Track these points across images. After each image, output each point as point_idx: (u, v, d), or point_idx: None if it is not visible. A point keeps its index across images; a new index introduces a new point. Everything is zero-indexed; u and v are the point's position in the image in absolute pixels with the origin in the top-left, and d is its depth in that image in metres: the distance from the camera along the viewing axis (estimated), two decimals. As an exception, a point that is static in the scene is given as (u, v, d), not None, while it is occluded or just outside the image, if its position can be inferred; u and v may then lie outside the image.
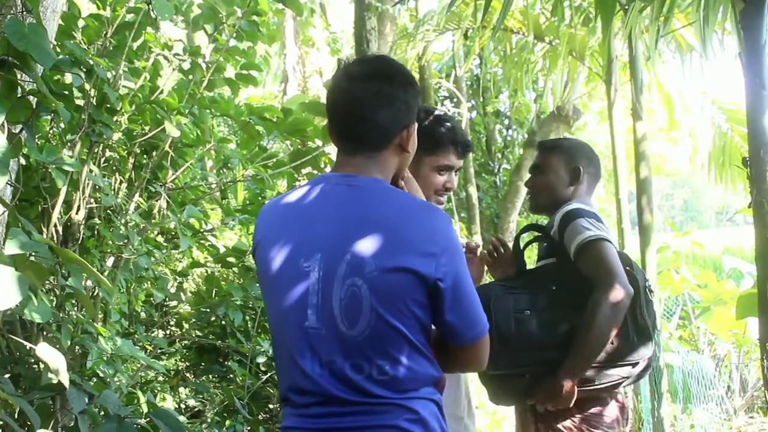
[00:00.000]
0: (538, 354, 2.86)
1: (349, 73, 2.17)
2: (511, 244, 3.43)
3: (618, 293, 2.76)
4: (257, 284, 5.10)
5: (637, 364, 2.92)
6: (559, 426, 2.96)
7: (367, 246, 1.96)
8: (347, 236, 1.98)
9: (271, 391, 5.45)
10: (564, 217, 3.03)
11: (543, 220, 3.59)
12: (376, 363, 1.97)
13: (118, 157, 4.57)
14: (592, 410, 2.97)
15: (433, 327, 2.08)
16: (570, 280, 2.93)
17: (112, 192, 4.29)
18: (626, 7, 5.19)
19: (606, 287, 2.77)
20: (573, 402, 2.86)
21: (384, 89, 2.11)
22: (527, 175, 3.41)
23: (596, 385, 2.89)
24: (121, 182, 4.54)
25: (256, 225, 2.21)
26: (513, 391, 3.03)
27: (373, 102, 2.09)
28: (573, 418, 2.95)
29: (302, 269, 2.01)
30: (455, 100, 16.08)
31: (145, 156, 4.72)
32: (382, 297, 1.94)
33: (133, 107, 4.33)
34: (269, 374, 5.32)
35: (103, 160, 4.35)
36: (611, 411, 3.01)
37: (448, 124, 2.93)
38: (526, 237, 3.61)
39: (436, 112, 2.97)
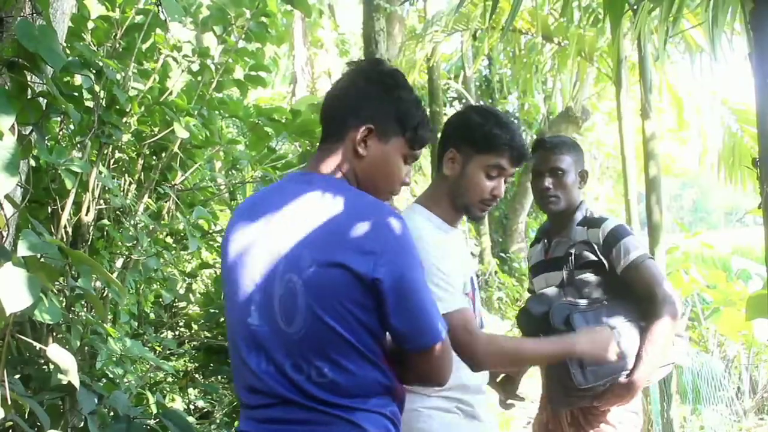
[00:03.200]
0: (615, 365, 2.99)
1: (348, 70, 2.19)
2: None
3: (675, 304, 3.12)
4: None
5: (673, 363, 3.32)
6: (605, 417, 3.24)
7: (306, 242, 1.91)
8: (291, 233, 1.94)
9: (280, 392, 5.45)
10: (612, 233, 3.23)
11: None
12: (314, 364, 1.90)
13: (127, 158, 4.58)
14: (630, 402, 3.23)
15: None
16: (616, 292, 3.20)
17: (122, 193, 4.30)
18: (635, 7, 5.18)
19: (666, 300, 3.10)
20: None
21: (360, 83, 2.09)
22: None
23: (648, 382, 3.28)
24: (130, 183, 4.55)
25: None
26: (586, 398, 3.17)
27: (339, 89, 2.11)
28: (613, 410, 3.24)
29: (250, 267, 1.98)
30: (464, 100, 16.10)
31: (154, 157, 4.73)
32: (316, 294, 1.88)
33: (143, 109, 4.34)
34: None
35: (112, 161, 4.36)
36: (636, 400, 3.29)
37: (509, 127, 2.69)
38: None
39: (503, 117, 2.74)
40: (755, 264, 9.85)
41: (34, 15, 2.97)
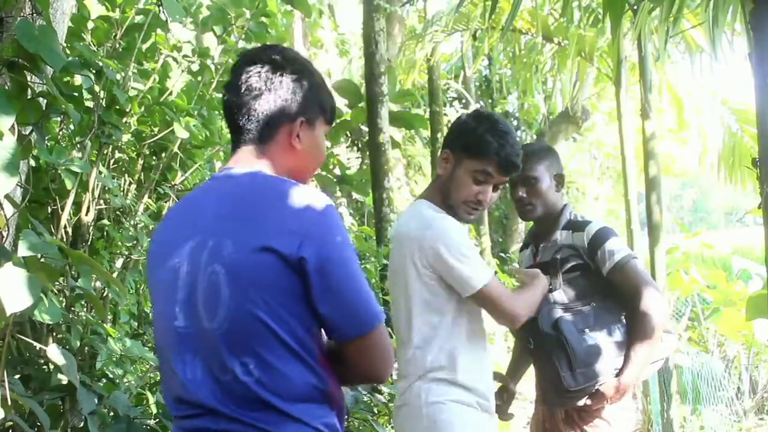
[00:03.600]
0: (606, 365, 3.15)
1: (240, 59, 2.03)
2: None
3: (661, 303, 3.20)
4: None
5: (663, 359, 3.40)
6: (599, 412, 3.29)
7: (229, 230, 1.81)
8: (214, 227, 1.84)
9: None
10: (596, 235, 3.28)
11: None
12: (240, 360, 1.77)
13: (127, 158, 4.59)
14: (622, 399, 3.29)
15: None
16: (603, 293, 3.27)
17: (122, 193, 4.30)
18: (635, 7, 5.19)
19: (651, 299, 3.15)
20: None
21: (269, 75, 1.96)
22: None
23: (640, 379, 3.37)
24: (130, 183, 4.55)
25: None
26: (577, 398, 3.25)
27: (255, 88, 1.95)
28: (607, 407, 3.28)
29: (174, 267, 1.87)
30: (464, 101, 16.11)
31: (154, 157, 4.73)
32: (240, 281, 1.76)
33: (143, 109, 4.35)
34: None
35: (112, 161, 4.36)
36: (629, 398, 3.37)
37: (503, 135, 2.80)
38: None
39: (499, 125, 2.85)
40: (755, 264, 9.85)
41: (34, 15, 2.98)
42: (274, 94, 1.96)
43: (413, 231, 2.80)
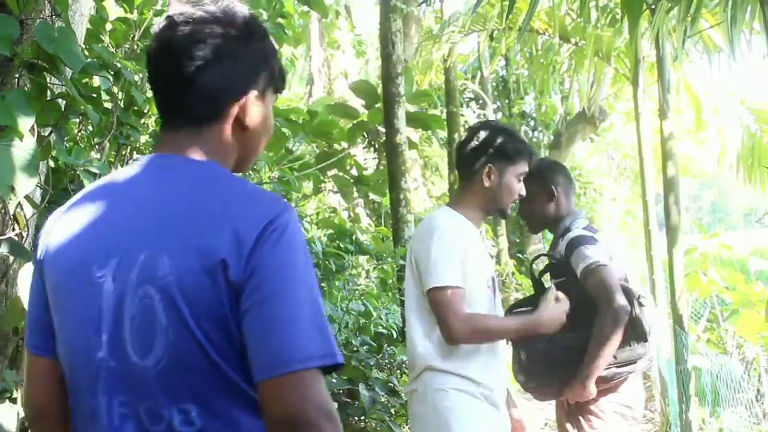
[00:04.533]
0: (558, 368, 3.46)
1: (172, 17, 1.58)
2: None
3: (618, 313, 3.31)
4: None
5: (636, 362, 3.49)
6: (590, 407, 3.53)
7: (165, 243, 1.42)
8: (146, 234, 1.45)
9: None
10: (569, 244, 3.50)
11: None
12: (178, 407, 1.41)
13: (145, 158, 4.60)
14: (610, 395, 3.54)
15: None
16: (580, 297, 3.37)
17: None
18: (653, 7, 5.17)
19: (609, 309, 3.31)
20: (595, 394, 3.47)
21: (214, 40, 1.56)
22: None
23: (611, 381, 3.47)
24: (148, 184, 4.57)
25: (39, 234, 1.64)
26: (548, 393, 3.67)
27: (197, 56, 1.54)
28: (597, 402, 3.52)
29: (95, 280, 1.46)
30: (480, 101, 16.09)
31: (172, 158, 4.75)
32: (182, 309, 1.39)
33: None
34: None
35: (130, 162, 4.38)
36: (626, 395, 3.57)
37: (522, 138, 3.27)
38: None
39: (514, 131, 3.31)
40: (774, 265, 9.78)
41: (54, 17, 3.00)
42: (222, 64, 1.57)
43: (416, 232, 3.23)
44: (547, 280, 3.76)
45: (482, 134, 3.20)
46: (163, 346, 1.40)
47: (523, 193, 3.21)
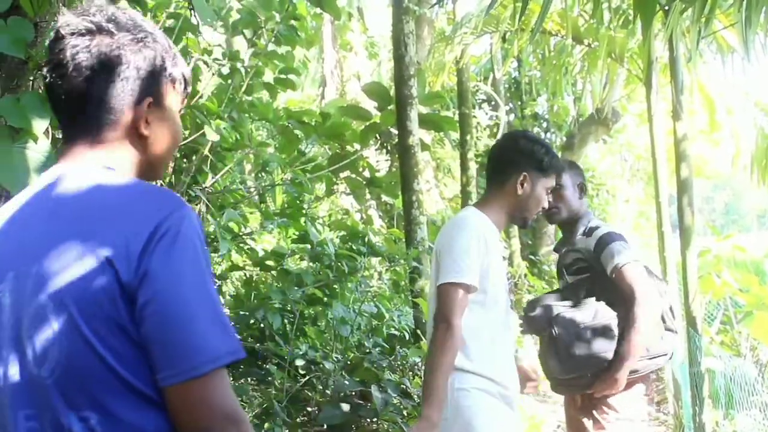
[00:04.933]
0: (596, 359, 3.54)
1: (59, 29, 1.54)
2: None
3: (652, 307, 3.53)
4: (296, 287, 5.13)
5: (665, 354, 3.65)
6: (608, 401, 3.63)
7: (56, 252, 1.40)
8: (39, 244, 1.42)
9: (310, 394, 5.48)
10: (600, 240, 3.64)
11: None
12: (78, 415, 1.37)
13: (158, 161, 4.62)
14: (630, 389, 3.64)
15: None
16: (607, 293, 3.61)
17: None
18: (667, 8, 5.15)
19: (644, 303, 3.48)
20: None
21: (102, 49, 1.52)
22: None
23: (639, 373, 3.60)
24: (161, 186, 4.58)
25: None
26: (577, 387, 3.70)
27: (85, 67, 1.51)
28: (616, 396, 3.62)
29: None
30: (493, 103, 16.08)
31: (185, 160, 4.77)
32: (73, 315, 1.35)
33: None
34: (308, 377, 5.34)
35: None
36: (640, 389, 3.72)
37: (554, 152, 3.30)
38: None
39: (547, 143, 3.35)
40: (789, 267, 9.74)
41: (67, 20, 3.00)
42: (111, 72, 1.53)
43: (444, 228, 3.25)
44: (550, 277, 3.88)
45: (522, 143, 3.26)
46: (56, 355, 1.37)
47: (546, 205, 3.27)
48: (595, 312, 3.59)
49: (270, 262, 5.63)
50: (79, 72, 1.50)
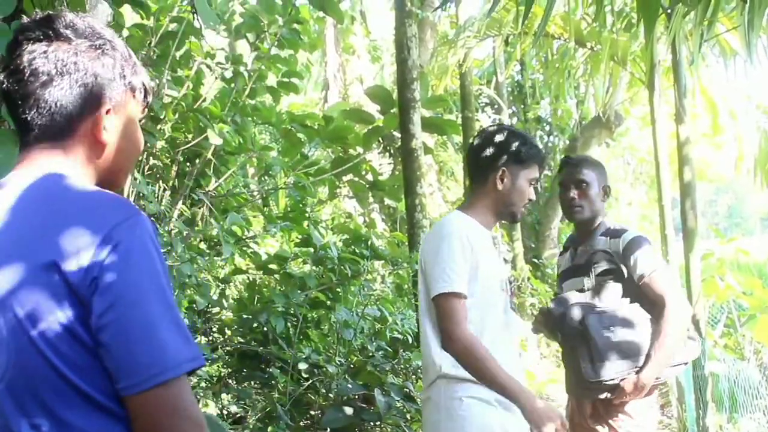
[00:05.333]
0: (628, 362, 3.44)
1: (18, 34, 1.54)
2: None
3: (683, 314, 3.50)
4: (299, 291, 5.13)
5: (687, 362, 3.65)
6: (623, 408, 3.55)
7: (2, 255, 1.38)
8: None
9: (313, 397, 5.47)
10: (630, 244, 3.55)
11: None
12: (29, 421, 1.34)
13: (161, 165, 4.63)
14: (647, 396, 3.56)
15: None
16: (633, 296, 3.53)
17: (156, 199, 4.34)
18: (669, 11, 5.15)
19: (675, 310, 3.43)
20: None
21: (59, 55, 1.50)
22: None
23: (659, 381, 3.55)
24: (164, 190, 4.59)
25: None
26: (601, 390, 3.51)
27: (42, 72, 1.48)
28: (631, 403, 3.54)
29: None
30: (496, 106, 16.07)
31: (188, 164, 4.78)
32: (22, 319, 1.33)
33: (177, 116, 4.39)
34: (311, 381, 5.34)
35: (147, 168, 4.41)
36: (654, 396, 3.68)
37: (535, 143, 3.22)
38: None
39: (527, 135, 3.26)
40: (792, 270, 9.72)
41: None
42: (68, 78, 1.50)
43: (427, 236, 3.24)
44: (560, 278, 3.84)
45: (497, 137, 3.17)
46: (5, 361, 1.35)
47: (533, 197, 3.18)
48: (628, 314, 3.51)
49: (273, 266, 5.64)
50: (36, 77, 1.48)
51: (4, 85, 1.52)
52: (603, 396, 3.53)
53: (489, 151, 3.15)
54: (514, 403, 2.88)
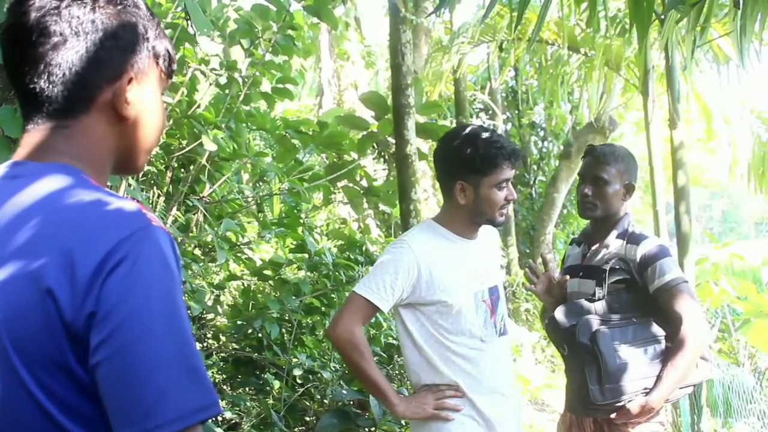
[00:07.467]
0: (636, 383, 3.18)
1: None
2: (543, 258, 3.63)
3: (703, 333, 3.19)
4: (294, 297, 5.13)
5: (697, 384, 3.42)
6: (626, 428, 3.30)
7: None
8: None
9: (308, 403, 5.47)
10: (649, 254, 3.28)
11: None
12: None
13: (156, 171, 4.63)
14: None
15: None
16: (646, 309, 3.28)
17: (150, 206, 4.33)
18: (662, 17, 5.16)
19: (694, 328, 3.14)
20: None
21: (73, 12, 1.26)
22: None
23: (669, 402, 3.40)
24: (159, 196, 4.59)
25: None
26: (606, 411, 3.28)
27: (53, 31, 1.24)
28: (636, 424, 3.30)
29: None
30: (490, 112, 16.08)
31: (182, 170, 4.78)
32: (9, 354, 1.14)
33: (171, 122, 4.38)
34: (306, 387, 5.33)
35: (141, 174, 4.40)
36: (661, 415, 3.35)
37: (496, 140, 2.90)
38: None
39: (482, 134, 2.91)
40: (786, 275, 9.75)
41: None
42: (85, 39, 1.26)
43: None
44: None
45: (448, 148, 2.97)
46: None
47: (512, 197, 2.94)
48: (641, 332, 3.25)
49: (268, 272, 5.64)
50: (47, 38, 1.24)
51: (7, 48, 1.29)
52: (607, 416, 3.31)
53: (442, 164, 3.00)
54: (383, 402, 3.00)
